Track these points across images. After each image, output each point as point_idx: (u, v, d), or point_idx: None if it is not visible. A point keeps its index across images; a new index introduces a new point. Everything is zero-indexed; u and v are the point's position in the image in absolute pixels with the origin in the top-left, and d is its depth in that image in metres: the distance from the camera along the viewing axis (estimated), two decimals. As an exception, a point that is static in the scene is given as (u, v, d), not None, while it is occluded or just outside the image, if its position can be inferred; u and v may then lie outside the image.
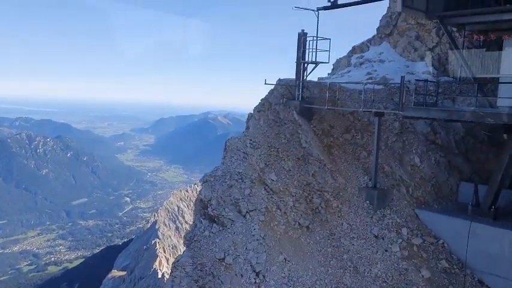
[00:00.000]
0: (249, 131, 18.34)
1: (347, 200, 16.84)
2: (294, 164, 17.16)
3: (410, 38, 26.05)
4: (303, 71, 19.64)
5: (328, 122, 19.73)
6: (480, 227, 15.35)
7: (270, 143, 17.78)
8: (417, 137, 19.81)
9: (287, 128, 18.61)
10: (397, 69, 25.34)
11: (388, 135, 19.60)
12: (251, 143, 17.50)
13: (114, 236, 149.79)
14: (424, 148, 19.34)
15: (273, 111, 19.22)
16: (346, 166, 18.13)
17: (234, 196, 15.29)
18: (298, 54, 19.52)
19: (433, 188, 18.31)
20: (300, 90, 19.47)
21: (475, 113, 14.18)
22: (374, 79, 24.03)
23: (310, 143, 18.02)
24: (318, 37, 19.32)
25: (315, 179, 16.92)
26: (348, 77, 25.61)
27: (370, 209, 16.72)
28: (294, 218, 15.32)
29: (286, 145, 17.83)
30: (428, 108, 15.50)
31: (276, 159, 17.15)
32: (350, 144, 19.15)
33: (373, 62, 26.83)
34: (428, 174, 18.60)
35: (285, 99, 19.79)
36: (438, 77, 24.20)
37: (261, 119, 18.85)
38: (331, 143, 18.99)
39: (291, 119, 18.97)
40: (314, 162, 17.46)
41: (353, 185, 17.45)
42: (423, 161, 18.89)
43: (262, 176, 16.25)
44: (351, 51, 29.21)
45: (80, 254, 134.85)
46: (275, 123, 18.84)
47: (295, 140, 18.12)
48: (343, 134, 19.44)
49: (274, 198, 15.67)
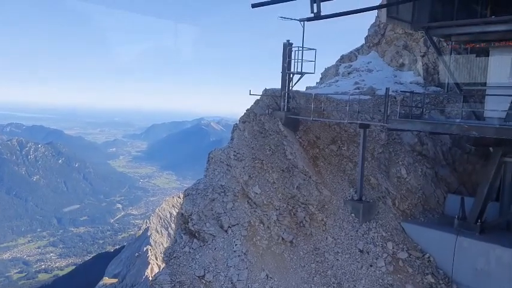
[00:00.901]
0: (233, 142, 18.03)
1: (332, 213, 16.56)
2: (279, 176, 16.86)
3: (398, 47, 25.98)
4: (289, 82, 19.40)
5: (314, 133, 19.48)
6: (466, 241, 15.13)
7: (254, 154, 17.48)
8: (404, 148, 19.63)
9: (272, 139, 18.33)
10: (385, 78, 25.23)
11: (374, 146, 19.39)
12: (235, 154, 17.19)
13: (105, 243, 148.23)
14: (411, 159, 19.15)
15: (258, 122, 18.94)
16: (331, 178, 17.87)
17: (215, 210, 14.96)
18: (283, 64, 19.29)
19: (419, 200, 18.09)
20: (286, 100, 19.21)
21: (459, 126, 13.98)
22: (361, 89, 23.89)
23: (295, 155, 17.75)
24: (304, 47, 19.14)
25: (300, 191, 16.63)
26: (335, 87, 25.45)
27: (356, 222, 16.45)
28: (278, 232, 15.00)
29: (271, 157, 17.54)
30: (413, 121, 15.30)
31: (260, 171, 16.85)
32: (336, 156, 18.91)
33: (361, 71, 26.72)
34: (415, 186, 18.39)
35: (271, 109, 19.52)
36: (426, 87, 24.13)
37: (245, 130, 18.55)
38: (317, 154, 18.73)
39: (276, 130, 18.70)
40: (299, 174, 17.17)
41: (338, 197, 17.18)
42: (410, 172, 18.68)
43: (245, 189, 15.93)
44: (340, 60, 29.13)
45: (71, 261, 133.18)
46: (260, 134, 18.56)
47: (280, 151, 17.83)
48: (329, 145, 19.20)
49: (257, 212, 15.35)
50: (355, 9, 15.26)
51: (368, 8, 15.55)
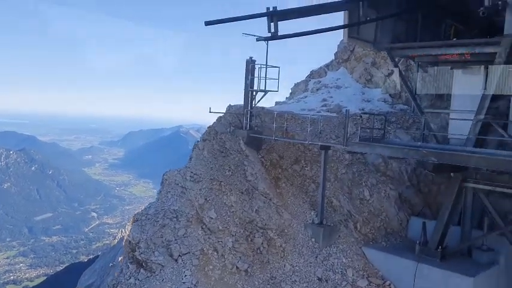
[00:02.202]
0: (191, 162, 17.31)
1: (292, 238, 15.95)
2: (237, 198, 16.19)
3: (367, 64, 25.76)
4: (251, 99, 18.84)
5: (278, 152, 18.93)
6: (427, 268, 14.73)
7: (212, 175, 16.79)
8: (368, 168, 19.23)
9: (233, 159, 17.69)
10: (353, 95, 24.95)
11: (338, 166, 18.94)
12: (192, 175, 16.46)
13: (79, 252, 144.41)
14: (374, 180, 18.75)
15: (218, 141, 18.28)
16: (293, 200, 17.30)
17: (166, 238, 14.16)
18: (246, 81, 18.73)
19: (382, 223, 17.67)
20: (248, 119, 18.62)
21: (418, 151, 13.61)
22: (328, 106, 23.53)
23: (256, 176, 17.12)
24: (267, 65, 18.65)
25: (259, 215, 15.98)
26: (303, 103, 25.04)
27: (316, 247, 15.88)
28: (232, 261, 14.28)
29: (230, 178, 16.87)
30: (372, 145, 14.88)
31: (217, 193, 16.15)
32: (299, 176, 18.37)
33: (329, 87, 26.39)
34: (378, 208, 17.97)
35: (233, 127, 18.90)
36: (394, 104, 23.92)
37: (205, 148, 17.87)
38: (279, 174, 18.16)
39: (238, 149, 18.07)
40: (259, 196, 16.53)
41: (299, 221, 16.60)
42: (373, 194, 18.27)
43: (200, 214, 15.20)
44: (309, 76, 28.76)
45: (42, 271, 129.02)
46: (220, 153, 17.89)
47: (241, 172, 17.18)
48: (292, 165, 18.66)
49: (211, 239, 14.62)
50: (315, 30, 14.91)
51: (328, 29, 15.20)
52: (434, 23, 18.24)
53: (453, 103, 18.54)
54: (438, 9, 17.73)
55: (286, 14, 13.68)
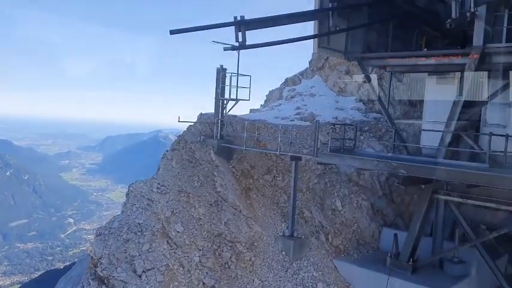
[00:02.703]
0: (158, 173, 16.78)
1: (261, 251, 15.56)
2: (206, 211, 15.72)
3: (341, 72, 25.72)
4: (222, 108, 18.43)
5: (249, 162, 18.55)
6: (398, 282, 14.51)
7: (180, 186, 16.28)
8: (340, 178, 19.02)
9: (202, 169, 17.22)
10: (327, 104, 24.83)
11: (310, 176, 18.67)
12: (159, 187, 15.93)
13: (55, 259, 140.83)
14: (347, 190, 18.54)
15: (188, 151, 17.80)
16: (263, 212, 16.92)
17: (129, 253, 13.59)
18: (216, 90, 18.32)
19: (354, 235, 17.45)
20: (219, 128, 18.20)
21: (388, 163, 13.40)
22: (302, 115, 23.34)
23: (226, 187, 16.69)
24: (239, 74, 18.30)
25: (228, 228, 15.54)
26: (278, 111, 24.80)
27: (286, 261, 15.52)
28: (198, 276, 13.80)
29: (198, 189, 16.40)
30: (342, 156, 14.62)
31: (185, 206, 15.65)
32: (270, 187, 18.02)
33: (304, 95, 26.26)
34: (350, 219, 17.75)
35: (203, 136, 18.45)
36: (367, 113, 23.86)
37: (173, 159, 17.35)
38: (250, 185, 17.77)
39: (208, 159, 17.62)
40: (228, 208, 16.10)
41: (270, 233, 16.23)
42: (345, 204, 18.05)
43: (166, 227, 14.67)
44: (284, 83, 28.60)
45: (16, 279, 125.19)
46: (189, 163, 17.41)
47: (210, 183, 16.73)
48: (263, 175, 18.30)
49: (177, 254, 14.11)
50: (285, 40, 14.62)
51: (297, 39, 14.92)
52: (406, 33, 18.20)
53: (425, 113, 18.53)
54: (410, 19, 17.69)
55: (253, 23, 13.33)
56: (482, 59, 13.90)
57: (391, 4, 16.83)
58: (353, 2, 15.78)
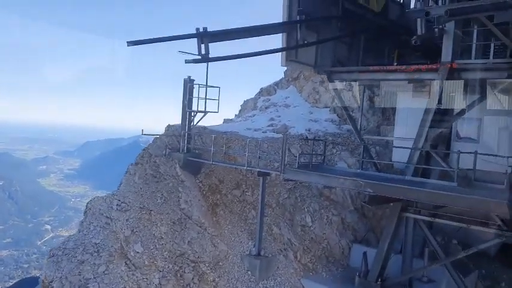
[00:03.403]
0: (119, 188, 16.07)
1: (226, 271, 14.97)
2: (168, 229, 15.07)
3: (315, 83, 25.39)
4: (189, 121, 17.83)
5: (218, 176, 17.96)
6: (366, 303, 14.09)
7: (142, 203, 15.59)
8: (311, 192, 18.57)
9: (166, 184, 16.56)
10: (301, 115, 24.46)
11: (280, 190, 18.18)
12: (119, 204, 15.22)
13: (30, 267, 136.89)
14: (317, 205, 18.10)
15: (152, 165, 17.12)
16: (230, 229, 16.34)
17: (84, 275, 12.85)
18: (183, 102, 17.72)
19: (323, 252, 16.99)
20: (186, 141, 17.58)
21: (354, 181, 12.99)
22: (275, 126, 22.90)
23: (191, 203, 16.07)
24: (207, 85, 17.76)
25: (191, 247, 14.92)
26: (251, 122, 24.33)
27: (252, 281, 14.96)
28: (157, 300, 13.14)
29: (161, 206, 15.73)
30: (308, 173, 14.14)
31: (146, 224, 14.97)
32: (239, 202, 17.46)
33: (278, 106, 25.85)
34: (320, 235, 17.30)
35: (169, 150, 17.80)
36: (340, 125, 23.55)
37: (136, 173, 16.66)
38: (218, 201, 17.18)
39: (173, 174, 16.97)
40: (193, 226, 15.48)
41: (236, 252, 15.65)
42: (315, 220, 17.60)
43: (125, 248, 13.97)
44: (259, 93, 28.14)
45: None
46: (153, 178, 16.72)
47: (174, 199, 16.09)
48: (232, 190, 17.73)
49: (135, 276, 13.42)
50: (251, 53, 14.15)
51: (264, 52, 14.43)
52: (377, 46, 17.93)
53: (396, 128, 18.31)
54: (381, 32, 17.44)
55: (217, 35, 12.87)
56: (451, 75, 13.65)
57: (362, 17, 16.52)
58: (322, 14, 15.40)
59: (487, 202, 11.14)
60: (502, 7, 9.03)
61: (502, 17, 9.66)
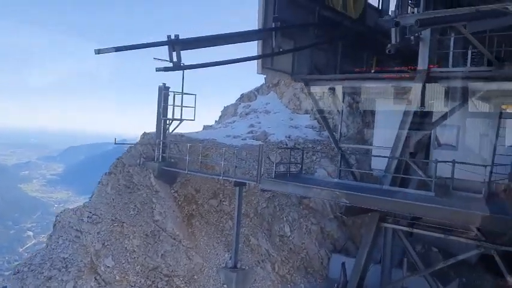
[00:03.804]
0: (91, 200, 15.53)
1: (202, 285, 14.55)
2: (141, 242, 14.58)
3: (296, 89, 25.13)
4: (164, 129, 17.38)
5: (194, 186, 17.52)
6: (343, 316, 13.79)
7: (115, 215, 15.08)
8: (290, 201, 18.27)
9: (140, 195, 16.07)
10: (281, 121, 24.17)
11: (258, 200, 17.82)
12: (90, 216, 14.69)
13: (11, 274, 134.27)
14: (296, 214, 17.80)
15: (125, 175, 16.61)
16: (206, 241, 15.91)
17: (50, 293, 12.31)
18: (158, 110, 17.27)
19: (302, 262, 16.68)
20: (160, 150, 17.12)
21: (330, 191, 12.69)
22: (255, 133, 22.54)
23: (165, 214, 15.61)
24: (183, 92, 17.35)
25: (165, 260, 14.45)
26: (231, 129, 23.95)
27: (228, 294, 14.56)
28: (127, 317, 12.65)
29: (134, 218, 15.24)
30: (285, 183, 13.80)
31: (118, 237, 14.46)
32: (215, 212, 17.05)
33: (259, 112, 25.51)
34: (298, 245, 16.99)
35: (144, 159, 17.31)
36: (321, 132, 23.32)
37: (109, 184, 16.14)
38: (194, 211, 16.74)
39: (147, 184, 16.49)
40: (167, 238, 15.02)
41: (211, 265, 15.24)
42: (294, 230, 17.30)
43: (95, 262, 13.45)
44: (240, 99, 27.77)
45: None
46: (127, 189, 16.22)
47: (148, 210, 15.61)
48: (209, 200, 17.31)
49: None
50: (225, 60, 13.78)
51: (240, 59, 14.10)
52: (356, 52, 17.74)
53: (375, 136, 18.11)
54: (359, 39, 17.24)
55: (189, 43, 12.45)
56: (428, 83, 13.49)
57: (339, 24, 16.30)
58: (299, 22, 15.12)
59: (462, 213, 10.96)
60: (472, 17, 8.84)
61: (474, 27, 9.45)
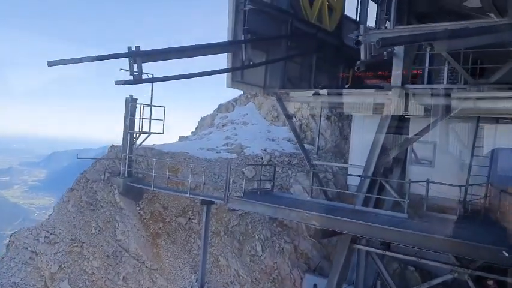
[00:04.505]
0: (49, 218, 14.68)
1: (165, 309, 13.77)
2: (101, 264, 13.78)
3: (274, 100, 24.50)
4: (131, 143, 16.63)
5: (162, 202, 16.76)
6: None
7: (74, 234, 14.26)
8: (263, 218, 17.56)
9: (103, 213, 15.27)
10: (259, 133, 23.58)
11: (230, 217, 17.12)
12: (47, 236, 13.85)
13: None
14: (269, 232, 17.13)
15: (88, 191, 15.80)
16: (172, 262, 15.14)
17: (-5, 322, 11.43)
18: (125, 123, 16.53)
19: (273, 284, 15.99)
20: (126, 165, 16.34)
21: (300, 213, 12.06)
22: (230, 146, 21.91)
23: (128, 234, 14.82)
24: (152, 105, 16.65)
25: (126, 283, 13.67)
26: (206, 140, 23.28)
27: (192, 319, 13.82)
28: None
29: (95, 237, 14.43)
30: (254, 203, 13.12)
31: (76, 258, 13.65)
32: (183, 231, 16.30)
33: (236, 123, 24.91)
34: (270, 265, 16.32)
35: (109, 174, 16.52)
36: (298, 145, 22.78)
37: (70, 201, 15.32)
38: (160, 230, 15.97)
39: (111, 201, 15.70)
40: (129, 260, 14.24)
41: (177, 287, 14.47)
42: (266, 249, 16.62)
43: (49, 286, 12.61)
44: (217, 110, 27.12)
45: None
46: (89, 206, 15.40)
47: (110, 229, 14.81)
48: (177, 218, 16.57)
49: (58, 320, 12.07)
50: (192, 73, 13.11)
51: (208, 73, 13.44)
52: (331, 66, 17.26)
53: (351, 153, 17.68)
54: (334, 51, 16.78)
55: (151, 55, 11.77)
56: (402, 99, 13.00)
57: (313, 36, 15.79)
58: (271, 33, 14.56)
59: (434, 239, 10.39)
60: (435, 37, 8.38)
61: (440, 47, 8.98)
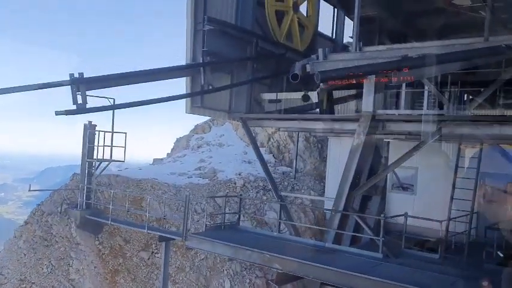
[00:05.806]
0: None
1: None
2: (50, 308, 12.61)
3: (252, 121, 23.63)
4: (89, 173, 15.56)
5: (124, 236, 15.61)
6: None
7: (24, 274, 13.13)
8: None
9: (57, 249, 14.13)
10: (235, 156, 22.60)
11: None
12: (-9, 278, 12.69)
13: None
14: (239, 266, 16.00)
15: (43, 225, 14.67)
16: (130, 302, 14.00)
17: None
18: (83, 150, 15.48)
19: (241, 325, 14.84)
20: (84, 196, 15.24)
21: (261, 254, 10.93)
22: (203, 170, 20.86)
23: (83, 272, 13.69)
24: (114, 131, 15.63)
25: (76, 329, 12.48)
26: (179, 164, 22.27)
27: None
28: None
29: (47, 277, 13.29)
30: (213, 242, 11.99)
31: (23, 302, 12.48)
32: (145, 266, 15.15)
33: (211, 145, 23.93)
34: (239, 304, 15.18)
35: (67, 206, 15.41)
36: (276, 167, 21.77)
37: (23, 236, 14.19)
38: (120, 266, 14.82)
39: (67, 236, 14.56)
40: (82, 301, 13.07)
41: (133, 331, 13.30)
42: (234, 285, 15.48)
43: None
44: (193, 130, 26.15)
45: None
46: (43, 242, 14.26)
47: (63, 268, 13.67)
48: (139, 252, 15.42)
49: None
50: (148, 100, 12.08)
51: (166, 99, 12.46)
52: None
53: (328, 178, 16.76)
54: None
55: (97, 81, 10.82)
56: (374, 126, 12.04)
57: (281, 57, 14.89)
58: (233, 55, 13.64)
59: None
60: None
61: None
